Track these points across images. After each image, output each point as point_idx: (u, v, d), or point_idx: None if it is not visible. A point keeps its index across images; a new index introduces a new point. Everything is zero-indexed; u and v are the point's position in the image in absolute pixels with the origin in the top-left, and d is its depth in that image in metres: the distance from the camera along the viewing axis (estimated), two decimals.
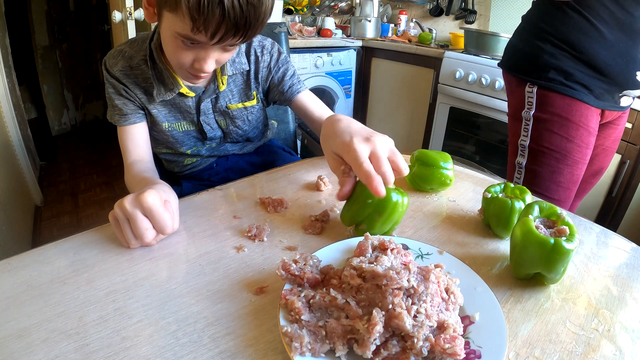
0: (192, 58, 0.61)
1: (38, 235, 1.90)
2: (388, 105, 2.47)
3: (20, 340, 0.35)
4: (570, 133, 0.90)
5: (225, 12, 0.51)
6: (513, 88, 1.01)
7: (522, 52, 0.98)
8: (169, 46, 0.62)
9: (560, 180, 0.94)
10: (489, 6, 2.33)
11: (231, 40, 0.57)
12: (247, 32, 0.56)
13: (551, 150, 0.93)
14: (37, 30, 2.91)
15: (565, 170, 0.93)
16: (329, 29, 2.38)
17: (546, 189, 0.96)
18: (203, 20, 0.52)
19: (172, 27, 0.56)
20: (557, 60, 0.89)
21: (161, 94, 0.72)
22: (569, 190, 0.96)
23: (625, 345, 0.37)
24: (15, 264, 0.45)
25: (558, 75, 0.89)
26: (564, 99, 0.90)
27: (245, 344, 0.36)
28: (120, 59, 0.71)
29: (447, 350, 0.31)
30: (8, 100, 1.90)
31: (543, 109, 0.93)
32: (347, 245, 0.46)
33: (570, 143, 0.91)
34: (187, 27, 0.53)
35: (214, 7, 0.51)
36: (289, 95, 0.81)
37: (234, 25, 0.53)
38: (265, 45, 0.79)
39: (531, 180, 0.98)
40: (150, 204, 0.46)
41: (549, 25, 0.91)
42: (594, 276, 0.46)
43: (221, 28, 0.53)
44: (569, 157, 0.92)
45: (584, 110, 0.90)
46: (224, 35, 0.55)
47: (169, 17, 0.55)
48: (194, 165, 0.89)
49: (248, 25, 0.55)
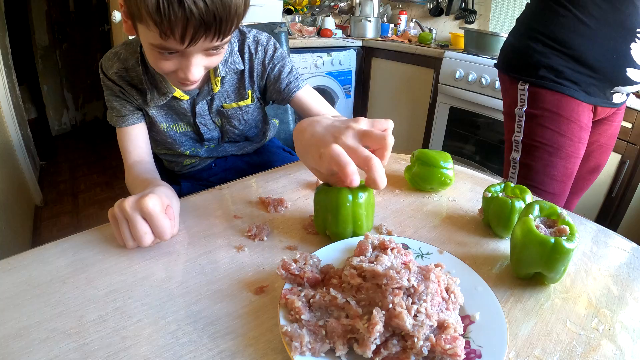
0: (175, 67, 0.58)
1: (38, 235, 1.90)
2: (388, 105, 2.47)
3: (20, 339, 0.35)
4: (562, 127, 0.92)
5: (187, 11, 0.48)
6: (507, 87, 1.03)
7: (515, 51, 0.99)
8: (150, 58, 0.59)
9: (554, 174, 0.96)
10: (489, 6, 2.33)
11: (205, 41, 0.53)
12: (221, 30, 0.52)
13: (544, 144, 0.94)
14: (37, 30, 2.91)
15: (559, 163, 0.94)
16: (329, 29, 2.38)
17: (540, 182, 0.97)
18: (167, 22, 0.49)
19: (145, 39, 0.54)
20: (547, 59, 0.91)
21: (154, 99, 0.71)
22: (563, 184, 0.97)
23: (625, 345, 0.37)
24: (15, 264, 0.45)
25: (549, 73, 0.91)
26: (554, 95, 0.91)
27: (245, 344, 0.36)
28: (116, 61, 0.71)
29: (448, 350, 0.31)
30: (8, 100, 1.90)
31: (534, 105, 0.94)
32: (347, 244, 0.46)
33: (562, 137, 0.93)
34: (156, 35, 0.51)
35: (174, 6, 0.47)
36: (287, 93, 0.77)
37: (202, 23, 0.50)
38: (260, 40, 0.75)
39: (525, 174, 0.99)
40: (150, 210, 0.45)
41: (540, 24, 0.92)
42: (594, 276, 0.46)
43: (189, 29, 0.50)
44: (562, 150, 0.93)
45: (575, 105, 0.91)
46: (195, 36, 0.51)
47: (141, 28, 0.53)
48: (193, 165, 0.89)
49: (219, 21, 0.51)
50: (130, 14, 0.54)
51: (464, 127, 2.06)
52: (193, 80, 0.59)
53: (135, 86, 0.72)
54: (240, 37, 0.75)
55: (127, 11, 0.54)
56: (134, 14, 0.52)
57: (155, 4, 0.47)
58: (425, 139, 2.30)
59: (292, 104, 0.80)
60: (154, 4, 0.47)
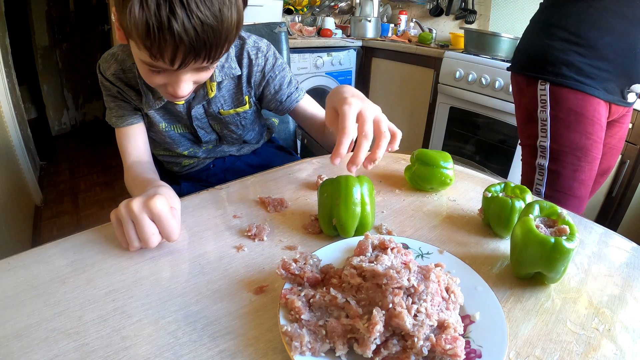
0: (165, 81, 0.58)
1: (38, 235, 1.90)
2: (388, 105, 2.47)
3: (19, 339, 0.35)
4: (587, 129, 0.91)
5: (177, 38, 0.47)
6: (523, 88, 1.00)
7: (532, 51, 0.97)
8: (140, 71, 0.59)
9: (583, 179, 0.94)
10: (489, 6, 2.33)
11: (195, 63, 0.53)
12: (211, 54, 0.52)
13: (572, 149, 0.92)
14: (37, 30, 2.91)
15: (586, 167, 0.93)
16: (329, 29, 2.38)
17: (569, 188, 0.95)
18: (157, 47, 0.48)
19: (136, 54, 0.54)
20: (566, 55, 0.89)
21: (150, 102, 0.71)
22: (589, 188, 0.96)
23: (625, 345, 0.37)
24: (15, 264, 0.45)
25: (569, 71, 0.89)
26: (577, 94, 0.90)
27: (245, 344, 0.36)
28: (113, 62, 0.71)
29: (448, 350, 0.31)
30: (8, 100, 1.90)
31: (558, 106, 0.92)
32: (347, 244, 0.46)
33: (588, 140, 0.91)
34: (146, 55, 0.50)
35: (165, 33, 0.47)
36: (288, 104, 0.79)
37: (192, 49, 0.49)
38: (261, 47, 0.75)
39: (554, 180, 0.97)
40: (159, 210, 0.45)
41: (557, 19, 0.91)
42: (594, 275, 0.46)
43: (178, 54, 0.50)
44: (589, 154, 0.92)
45: (596, 105, 0.90)
46: (185, 60, 0.51)
47: (131, 43, 0.52)
48: (192, 166, 0.89)
49: (209, 47, 0.51)
50: (122, 27, 0.52)
51: (464, 127, 2.06)
52: (182, 95, 0.59)
53: (133, 87, 0.72)
54: (239, 43, 0.74)
55: (119, 23, 0.53)
56: (124, 28, 0.51)
57: (144, 29, 0.47)
58: (425, 139, 2.30)
59: (291, 114, 0.82)
60: (143, 28, 0.47)
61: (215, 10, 0.49)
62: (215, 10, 0.49)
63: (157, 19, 0.46)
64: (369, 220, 0.50)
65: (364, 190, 0.50)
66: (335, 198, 0.49)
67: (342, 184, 0.49)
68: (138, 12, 0.46)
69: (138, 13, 0.46)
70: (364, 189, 0.50)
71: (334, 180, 0.50)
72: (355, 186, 0.49)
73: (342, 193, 0.49)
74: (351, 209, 0.48)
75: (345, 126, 0.49)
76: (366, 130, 0.49)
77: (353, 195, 0.48)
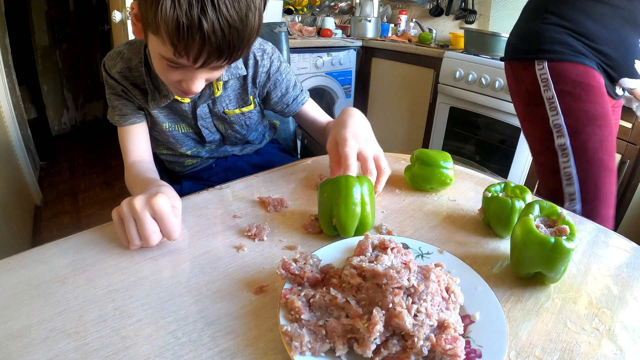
0: (180, 78, 0.59)
1: (38, 235, 1.90)
2: (388, 105, 2.47)
3: (19, 339, 0.35)
4: (598, 98, 0.87)
5: (206, 37, 0.49)
6: (521, 73, 0.96)
7: (524, 35, 0.96)
8: (156, 65, 0.60)
9: (610, 149, 0.88)
10: (489, 6, 2.33)
11: (216, 63, 0.55)
12: (232, 55, 0.54)
13: (590, 120, 0.86)
14: (37, 30, 2.90)
15: (609, 137, 0.88)
16: (329, 29, 2.38)
17: (600, 160, 0.88)
18: (184, 45, 0.50)
19: (156, 49, 0.55)
20: (560, 35, 0.87)
21: (156, 100, 0.71)
22: (614, 157, 0.90)
23: (625, 345, 0.37)
24: (14, 263, 0.45)
25: (564, 48, 0.87)
26: (576, 66, 0.87)
27: (245, 343, 0.36)
28: (119, 60, 0.71)
29: (448, 350, 0.31)
30: (8, 100, 1.90)
31: (561, 81, 0.88)
32: (347, 244, 0.46)
33: (603, 108, 0.87)
34: (170, 52, 0.52)
35: (194, 32, 0.48)
36: (294, 107, 0.81)
37: (217, 49, 0.51)
38: (266, 49, 0.77)
39: (582, 156, 0.88)
40: (161, 209, 0.45)
41: (553, 6, 0.90)
42: (594, 275, 0.46)
43: (203, 53, 0.51)
44: (608, 123, 0.87)
45: (597, 76, 0.87)
46: (207, 59, 0.53)
47: (153, 38, 0.53)
48: (194, 166, 0.89)
49: (232, 48, 0.53)
50: (144, 22, 0.54)
51: (464, 127, 2.06)
52: (195, 92, 0.61)
53: (138, 86, 0.72)
54: None
55: (140, 18, 0.54)
56: (149, 24, 0.52)
57: (175, 27, 0.48)
58: (425, 139, 2.30)
59: (296, 116, 0.84)
60: (174, 26, 0.48)
61: (242, 14, 0.51)
62: (242, 14, 0.51)
63: (189, 18, 0.47)
64: (369, 220, 0.50)
65: (364, 190, 0.50)
66: (335, 198, 0.49)
67: (342, 184, 0.49)
68: (170, 10, 0.47)
69: (170, 10, 0.47)
70: (364, 188, 0.50)
71: (334, 180, 0.51)
72: (355, 186, 0.49)
73: (342, 193, 0.49)
74: (351, 208, 0.48)
75: (347, 165, 0.57)
76: (370, 168, 0.58)
77: (353, 195, 0.49)
